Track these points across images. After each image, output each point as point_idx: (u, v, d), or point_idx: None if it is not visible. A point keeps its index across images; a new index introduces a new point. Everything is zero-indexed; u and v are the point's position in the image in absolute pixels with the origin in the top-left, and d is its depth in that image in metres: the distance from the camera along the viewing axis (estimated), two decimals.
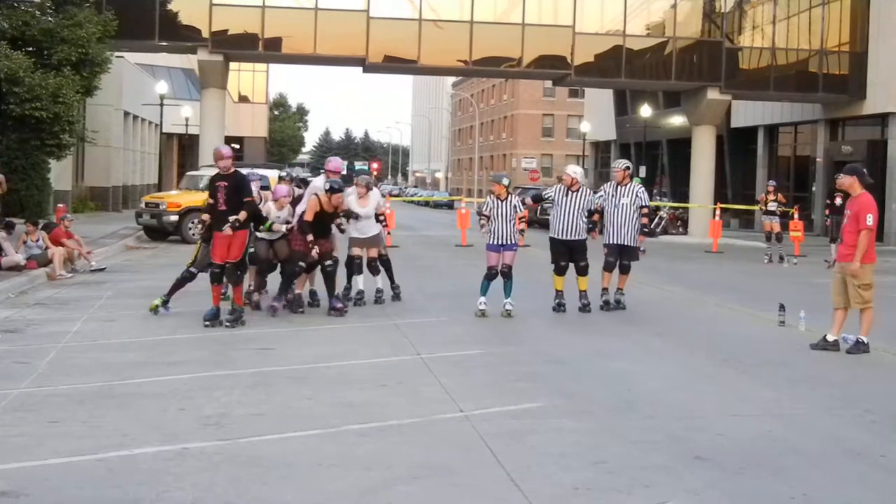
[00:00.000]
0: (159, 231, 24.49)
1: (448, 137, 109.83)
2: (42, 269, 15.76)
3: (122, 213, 35.92)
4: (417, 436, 6.55)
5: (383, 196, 15.53)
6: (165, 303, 11.69)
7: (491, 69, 36.97)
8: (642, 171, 40.21)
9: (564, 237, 12.76)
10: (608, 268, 13.19)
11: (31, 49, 22.43)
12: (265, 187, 13.33)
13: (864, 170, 10.81)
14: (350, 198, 12.73)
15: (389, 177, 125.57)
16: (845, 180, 10.46)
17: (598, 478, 5.73)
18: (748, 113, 39.38)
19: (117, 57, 29.82)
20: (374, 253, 12.95)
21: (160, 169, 41.81)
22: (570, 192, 12.74)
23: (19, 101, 20.75)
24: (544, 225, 35.28)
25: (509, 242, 12.39)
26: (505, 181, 12.76)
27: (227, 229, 10.84)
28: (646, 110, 40.53)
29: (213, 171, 12.06)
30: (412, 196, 73.72)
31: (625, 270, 13.20)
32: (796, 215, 26.05)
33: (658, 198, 38.33)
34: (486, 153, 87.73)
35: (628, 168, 13.39)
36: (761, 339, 11.16)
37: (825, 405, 7.83)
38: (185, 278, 11.70)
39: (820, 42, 33.93)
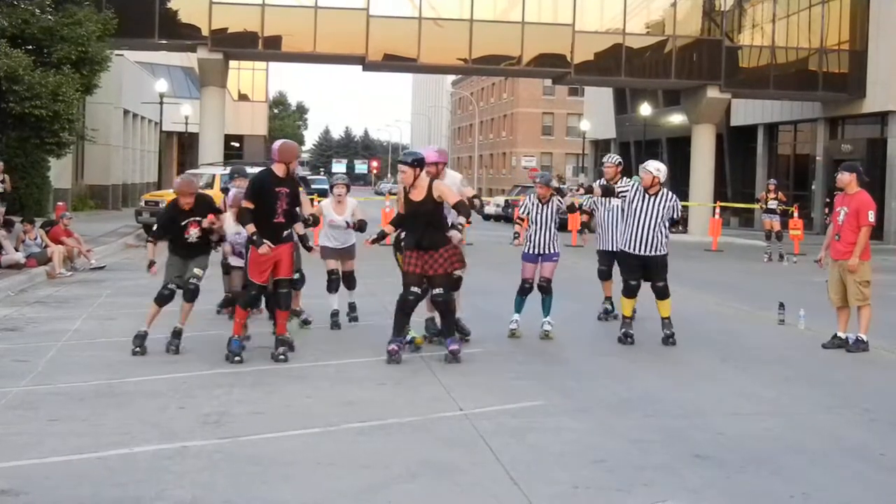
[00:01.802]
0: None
1: (448, 136, 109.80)
2: (42, 267, 15.76)
3: (122, 211, 35.93)
4: (417, 434, 6.56)
5: (382, 194, 12.66)
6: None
7: (491, 67, 36.96)
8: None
9: (640, 251, 10.27)
10: (603, 276, 12.14)
11: (30, 47, 22.41)
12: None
13: (861, 169, 10.86)
14: (325, 202, 11.29)
15: (389, 175, 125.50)
16: (845, 177, 10.47)
17: (597, 476, 5.73)
18: (748, 111, 39.38)
19: (117, 55, 29.81)
20: (350, 266, 11.21)
21: (160, 167, 41.80)
22: (647, 195, 10.31)
23: (19, 100, 20.74)
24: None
25: (549, 251, 10.71)
26: (554, 182, 11.28)
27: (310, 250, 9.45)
28: (645, 109, 40.53)
29: (247, 171, 10.84)
30: None
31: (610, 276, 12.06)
32: (796, 214, 26.06)
33: None
34: (485, 151, 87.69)
35: (620, 164, 11.97)
36: (761, 338, 11.16)
37: (825, 404, 7.83)
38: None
39: (820, 40, 33.92)
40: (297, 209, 9.15)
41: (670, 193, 10.42)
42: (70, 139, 23.70)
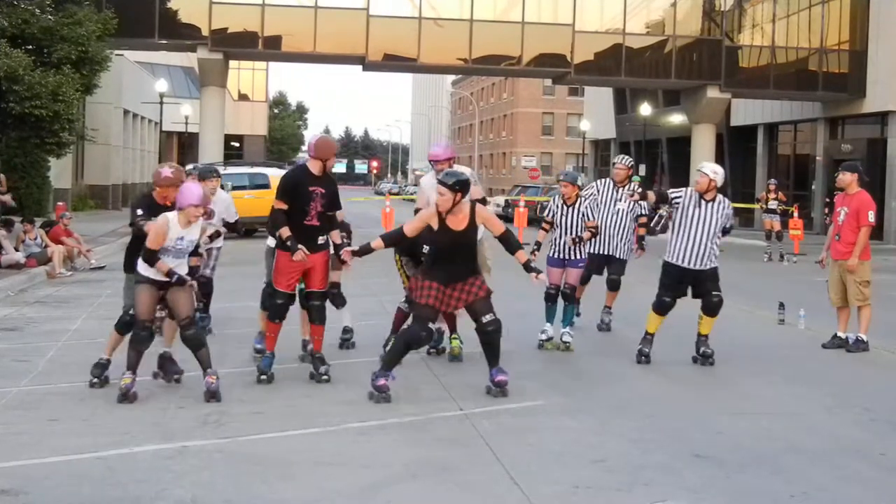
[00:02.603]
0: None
1: (448, 136, 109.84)
2: (41, 267, 15.76)
3: (122, 211, 35.90)
4: (417, 434, 6.56)
5: (382, 194, 9.55)
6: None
7: (491, 67, 36.98)
8: (642, 169, 40.22)
9: (691, 265, 9.16)
10: (610, 286, 11.17)
11: (30, 47, 22.41)
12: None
13: (861, 168, 10.87)
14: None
15: (389, 175, 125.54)
16: (846, 177, 10.47)
17: (597, 476, 5.73)
18: (748, 111, 39.38)
19: (117, 55, 29.82)
20: (336, 277, 9.38)
21: None
22: (703, 202, 9.20)
23: (19, 100, 20.73)
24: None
25: (575, 257, 9.98)
26: (580, 181, 10.29)
27: (346, 258, 7.94)
28: (645, 109, 40.53)
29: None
30: (412, 194, 73.74)
31: (614, 286, 11.13)
32: (796, 214, 26.06)
33: None
34: (485, 151, 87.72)
35: (633, 165, 11.41)
36: (761, 338, 11.16)
37: (824, 403, 7.83)
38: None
39: (820, 40, 33.93)
40: (334, 213, 8.13)
41: (726, 200, 9.38)
42: (70, 139, 23.69)
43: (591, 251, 10.77)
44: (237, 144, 56.43)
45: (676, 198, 9.30)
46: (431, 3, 32.12)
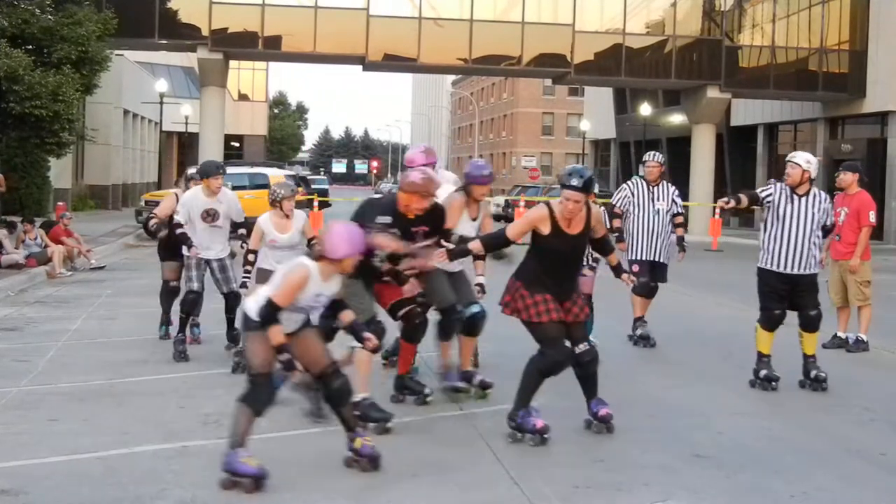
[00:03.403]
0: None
1: (448, 136, 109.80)
2: (42, 267, 15.76)
3: (122, 211, 35.92)
4: (417, 434, 6.55)
5: (381, 194, 7.19)
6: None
7: (491, 67, 36.99)
8: (642, 169, 40.21)
9: (790, 269, 8.16)
10: (643, 291, 10.14)
11: (30, 47, 22.40)
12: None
13: (861, 168, 10.88)
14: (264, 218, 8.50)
15: (389, 175, 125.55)
16: (847, 177, 10.46)
17: (597, 476, 5.73)
18: (748, 111, 39.39)
19: (117, 55, 29.81)
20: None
21: (160, 167, 41.83)
22: (796, 197, 8.18)
23: (19, 100, 20.72)
24: None
25: (585, 263, 8.99)
26: (595, 188, 9.30)
27: (440, 258, 6.77)
28: (645, 109, 40.54)
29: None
30: None
31: (652, 294, 10.31)
32: None
33: None
34: (485, 151, 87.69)
35: (663, 163, 10.53)
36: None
37: (824, 403, 7.82)
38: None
39: (820, 40, 33.93)
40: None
41: (822, 193, 8.32)
42: (70, 139, 23.68)
43: (638, 258, 10.08)
44: (237, 144, 56.42)
45: (767, 196, 8.27)
46: (431, 3, 32.12)
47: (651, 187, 10.28)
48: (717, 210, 29.27)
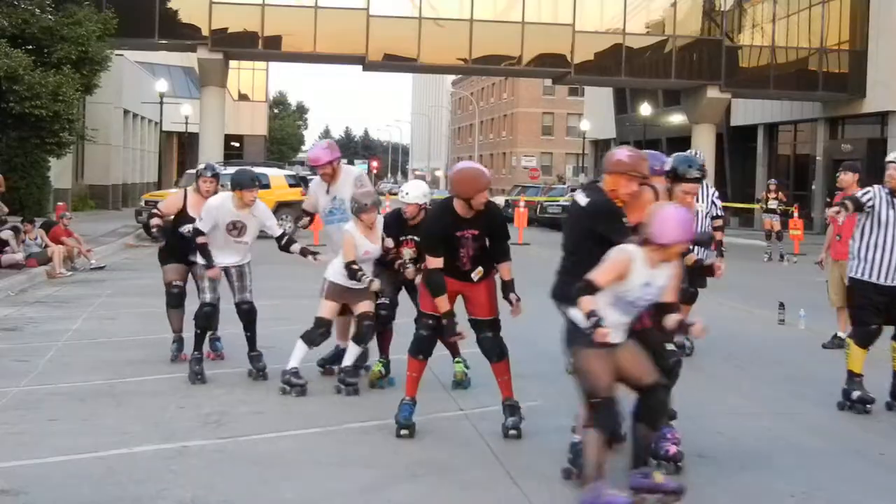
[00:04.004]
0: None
1: (448, 135, 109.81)
2: (42, 267, 15.76)
3: (122, 211, 35.91)
4: (417, 434, 6.55)
5: (382, 194, 6.74)
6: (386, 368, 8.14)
7: (491, 67, 37.01)
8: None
9: (888, 280, 7.49)
10: (681, 297, 10.16)
11: (30, 47, 22.42)
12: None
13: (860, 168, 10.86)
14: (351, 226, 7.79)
15: (389, 175, 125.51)
16: (848, 177, 10.44)
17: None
18: (748, 111, 39.39)
19: (117, 55, 29.82)
20: (367, 306, 7.83)
21: (160, 167, 41.82)
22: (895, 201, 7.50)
23: (19, 100, 20.74)
24: (544, 224, 35.37)
25: None
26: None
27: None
28: (645, 109, 40.54)
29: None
30: None
31: (693, 299, 9.15)
32: (796, 214, 26.05)
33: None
34: (485, 151, 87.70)
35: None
36: (761, 338, 11.16)
37: (825, 403, 7.82)
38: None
39: (820, 40, 33.94)
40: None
41: None
42: (70, 139, 23.70)
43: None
44: (237, 144, 56.40)
45: (868, 200, 7.61)
46: (431, 3, 32.13)
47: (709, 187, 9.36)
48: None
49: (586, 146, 53.78)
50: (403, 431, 6.39)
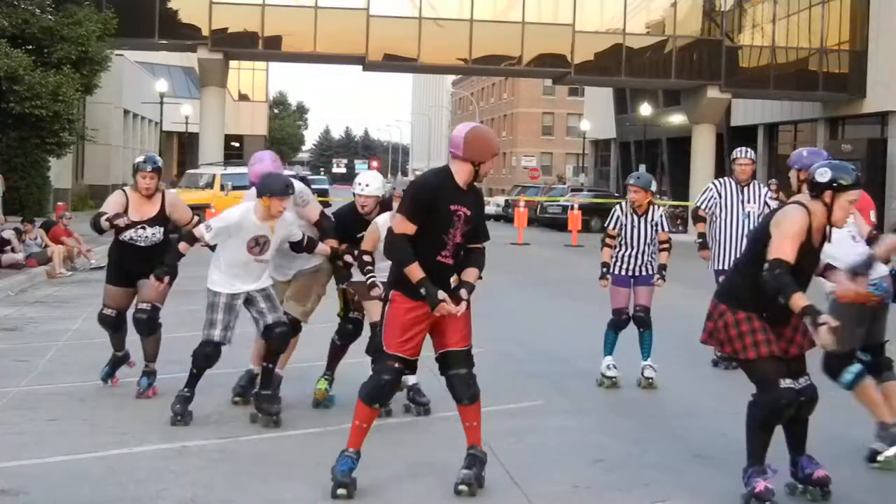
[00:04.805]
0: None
1: (448, 135, 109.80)
2: (42, 267, 15.76)
3: None
4: (417, 434, 6.55)
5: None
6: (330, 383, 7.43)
7: (491, 68, 37.03)
8: (642, 169, 40.26)
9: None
10: None
11: (31, 47, 22.45)
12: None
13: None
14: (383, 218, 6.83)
15: (389, 175, 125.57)
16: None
17: (597, 476, 5.73)
18: (748, 111, 39.40)
19: (117, 55, 29.85)
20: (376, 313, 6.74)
21: None
22: None
23: (19, 100, 20.75)
24: (544, 224, 35.36)
25: (645, 273, 8.33)
26: (654, 186, 8.41)
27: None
28: (646, 109, 40.55)
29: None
30: None
31: None
32: None
33: (658, 196, 38.40)
34: None
35: (754, 160, 9.35)
36: None
37: (825, 403, 7.79)
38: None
39: (820, 40, 33.95)
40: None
41: None
42: (70, 139, 23.73)
43: (725, 268, 8.99)
44: (237, 144, 56.42)
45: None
46: (431, 3, 32.13)
47: (741, 187, 9.21)
48: None
49: (586, 146, 53.78)
50: (340, 491, 5.21)
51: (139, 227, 7.42)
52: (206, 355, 6.73)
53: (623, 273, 8.29)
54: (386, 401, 5.57)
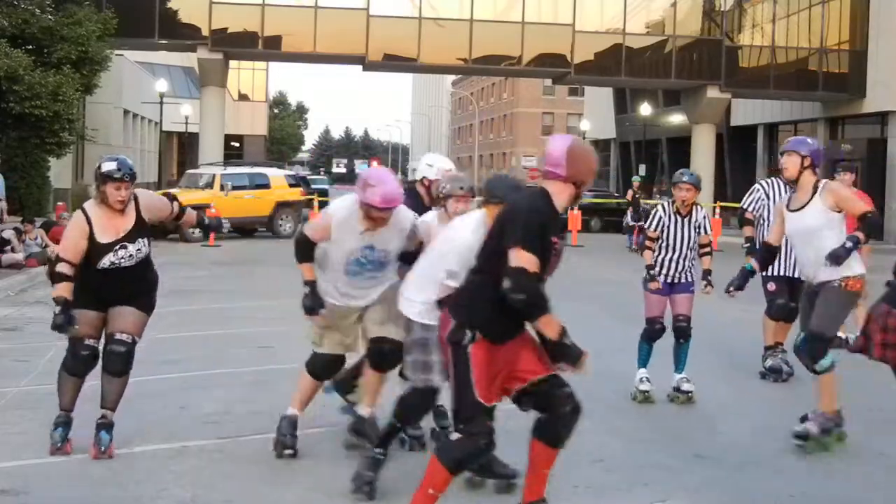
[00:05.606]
0: (158, 229, 24.47)
1: (448, 135, 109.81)
2: (42, 267, 15.75)
3: None
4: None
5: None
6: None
7: (491, 67, 37.06)
8: (642, 169, 40.27)
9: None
10: (780, 314, 8.71)
11: (31, 47, 22.45)
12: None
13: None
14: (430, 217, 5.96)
15: None
16: (847, 177, 10.45)
17: (597, 476, 5.73)
18: (748, 111, 39.41)
19: (117, 55, 29.85)
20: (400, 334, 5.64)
21: (160, 167, 41.80)
22: None
23: (19, 100, 20.76)
24: None
25: (684, 280, 7.75)
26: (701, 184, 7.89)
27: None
28: (645, 109, 40.55)
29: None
30: None
31: (793, 316, 8.42)
32: None
33: (658, 196, 38.33)
34: (485, 151, 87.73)
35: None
36: (761, 338, 11.13)
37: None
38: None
39: (820, 40, 33.96)
40: None
41: None
42: (70, 139, 23.73)
43: (775, 273, 8.49)
44: (237, 144, 56.40)
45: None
46: (431, 3, 32.14)
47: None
48: (716, 209, 29.29)
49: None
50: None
51: (118, 247, 5.93)
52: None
53: (660, 279, 7.70)
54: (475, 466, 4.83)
